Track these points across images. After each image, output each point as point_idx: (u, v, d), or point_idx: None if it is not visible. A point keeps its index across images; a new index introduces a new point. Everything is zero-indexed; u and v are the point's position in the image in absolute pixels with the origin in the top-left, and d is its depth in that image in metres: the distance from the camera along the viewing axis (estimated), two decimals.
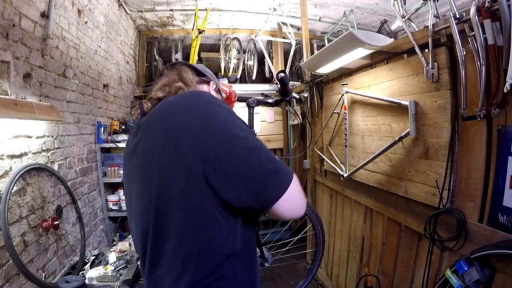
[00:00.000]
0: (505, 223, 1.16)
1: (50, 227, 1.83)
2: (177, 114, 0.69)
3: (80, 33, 2.41)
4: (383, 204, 1.95)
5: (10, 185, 1.50)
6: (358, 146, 2.20)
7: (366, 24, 4.32)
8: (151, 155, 0.71)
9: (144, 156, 0.73)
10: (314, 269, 1.75)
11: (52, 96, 2.01)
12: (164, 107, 0.74)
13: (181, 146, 0.65)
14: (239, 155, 0.66)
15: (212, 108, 0.69)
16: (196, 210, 0.66)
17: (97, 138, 2.76)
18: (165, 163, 0.68)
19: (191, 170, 0.64)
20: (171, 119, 0.69)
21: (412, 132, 1.58)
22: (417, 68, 1.57)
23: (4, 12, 1.52)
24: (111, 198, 3.00)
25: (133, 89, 4.05)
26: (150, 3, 3.64)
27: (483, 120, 1.23)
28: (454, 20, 1.24)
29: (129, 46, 3.91)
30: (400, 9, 1.68)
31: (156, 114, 0.74)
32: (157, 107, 0.76)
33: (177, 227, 0.67)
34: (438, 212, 1.42)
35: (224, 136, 0.66)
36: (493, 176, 1.23)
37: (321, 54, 2.16)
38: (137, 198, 0.76)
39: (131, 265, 1.87)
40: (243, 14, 4.04)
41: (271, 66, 4.36)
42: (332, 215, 2.76)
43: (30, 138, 1.77)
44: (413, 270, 1.67)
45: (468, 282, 1.17)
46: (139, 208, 0.75)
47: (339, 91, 2.37)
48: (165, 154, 0.67)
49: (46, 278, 1.82)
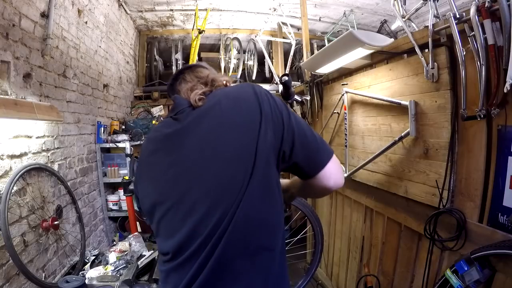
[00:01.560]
0: (505, 223, 1.16)
1: (50, 227, 1.83)
2: (248, 98, 0.77)
3: (80, 33, 2.41)
4: (383, 204, 1.95)
5: (10, 185, 1.50)
6: (358, 146, 2.20)
7: (366, 24, 4.32)
8: (229, 131, 0.73)
9: (214, 133, 0.74)
10: (313, 269, 1.75)
11: (52, 96, 2.01)
12: (229, 93, 0.80)
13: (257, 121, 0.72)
14: (302, 126, 0.79)
15: (270, 94, 0.80)
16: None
17: (97, 138, 2.76)
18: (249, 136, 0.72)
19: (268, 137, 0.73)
20: (244, 101, 0.76)
21: (412, 132, 1.58)
22: (417, 68, 1.57)
23: (4, 12, 1.52)
24: (111, 198, 3.00)
25: (133, 89, 4.05)
26: (150, 3, 3.64)
27: (483, 120, 1.23)
28: (454, 20, 1.24)
29: (129, 46, 3.91)
30: (400, 9, 1.67)
31: (224, 99, 0.78)
32: (213, 97, 0.80)
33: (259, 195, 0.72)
34: (438, 212, 1.42)
35: (290, 113, 0.79)
36: (493, 176, 1.23)
37: (321, 54, 2.16)
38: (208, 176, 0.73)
39: (131, 265, 1.87)
40: (243, 14, 4.04)
41: (271, 66, 4.36)
42: (332, 215, 2.76)
43: (30, 138, 1.77)
44: (413, 270, 1.67)
45: (468, 282, 1.17)
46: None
47: (339, 91, 2.36)
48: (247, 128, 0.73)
49: (46, 278, 1.83)
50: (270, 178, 0.73)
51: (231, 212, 0.68)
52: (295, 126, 0.76)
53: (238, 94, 0.79)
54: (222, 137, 0.72)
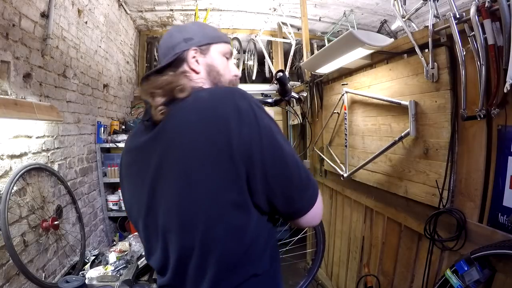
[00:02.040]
0: (505, 223, 1.16)
1: (50, 227, 1.83)
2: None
3: (80, 33, 2.41)
4: (383, 204, 1.95)
5: (10, 185, 1.50)
6: (358, 146, 2.20)
7: (366, 24, 4.32)
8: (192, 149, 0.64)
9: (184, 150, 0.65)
10: (314, 269, 1.75)
11: (52, 96, 2.01)
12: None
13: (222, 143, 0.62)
14: (281, 162, 0.65)
15: (255, 112, 0.66)
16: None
17: (97, 138, 2.76)
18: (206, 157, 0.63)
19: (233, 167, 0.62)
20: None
21: (412, 132, 1.58)
22: (417, 68, 1.57)
23: (4, 12, 1.52)
24: (111, 198, 3.00)
25: (133, 89, 4.05)
26: (150, 3, 3.64)
27: (483, 120, 1.23)
28: (454, 20, 1.24)
29: (129, 46, 3.91)
30: (400, 9, 1.67)
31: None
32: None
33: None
34: (438, 212, 1.42)
35: (275, 142, 0.65)
36: (493, 176, 1.23)
37: (321, 54, 2.16)
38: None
39: (131, 265, 1.86)
40: (243, 14, 4.04)
41: (271, 66, 4.36)
42: (332, 215, 2.76)
43: (30, 138, 1.77)
44: (413, 270, 1.67)
45: (468, 282, 1.17)
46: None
47: (339, 91, 2.36)
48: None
49: (46, 278, 1.82)
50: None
51: (197, 240, 0.64)
52: (276, 161, 0.64)
53: (203, 113, 0.64)
54: (174, 167, 0.65)
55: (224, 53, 0.83)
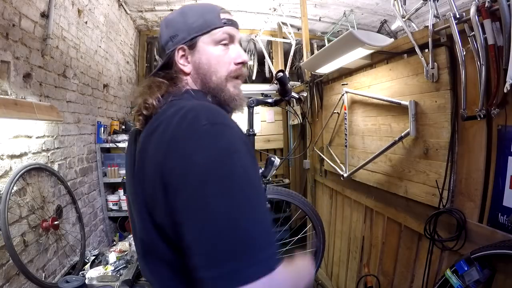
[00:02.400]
0: (505, 223, 1.16)
1: (50, 227, 1.83)
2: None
3: (80, 33, 2.41)
4: (383, 204, 1.95)
5: (10, 185, 1.50)
6: (358, 146, 2.20)
7: (366, 24, 4.32)
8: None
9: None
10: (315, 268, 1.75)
11: (52, 96, 2.01)
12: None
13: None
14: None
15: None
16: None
17: (97, 138, 2.76)
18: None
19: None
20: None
21: (412, 132, 1.58)
22: (417, 68, 1.57)
23: (4, 12, 1.52)
24: (111, 198, 3.00)
25: (133, 89, 4.05)
26: (150, 3, 3.64)
27: (483, 120, 1.23)
28: (454, 20, 1.24)
29: (129, 46, 3.91)
30: (400, 9, 1.67)
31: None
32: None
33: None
34: (438, 212, 1.42)
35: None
36: (493, 176, 1.23)
37: (321, 54, 2.16)
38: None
39: (131, 265, 1.87)
40: (243, 14, 4.04)
41: (271, 66, 4.36)
42: (332, 215, 2.76)
43: (30, 138, 1.77)
44: (413, 270, 1.67)
45: (468, 282, 1.17)
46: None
47: (339, 91, 2.36)
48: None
49: (46, 278, 1.82)
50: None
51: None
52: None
53: (158, 149, 0.57)
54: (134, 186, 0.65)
55: (218, 40, 0.70)
